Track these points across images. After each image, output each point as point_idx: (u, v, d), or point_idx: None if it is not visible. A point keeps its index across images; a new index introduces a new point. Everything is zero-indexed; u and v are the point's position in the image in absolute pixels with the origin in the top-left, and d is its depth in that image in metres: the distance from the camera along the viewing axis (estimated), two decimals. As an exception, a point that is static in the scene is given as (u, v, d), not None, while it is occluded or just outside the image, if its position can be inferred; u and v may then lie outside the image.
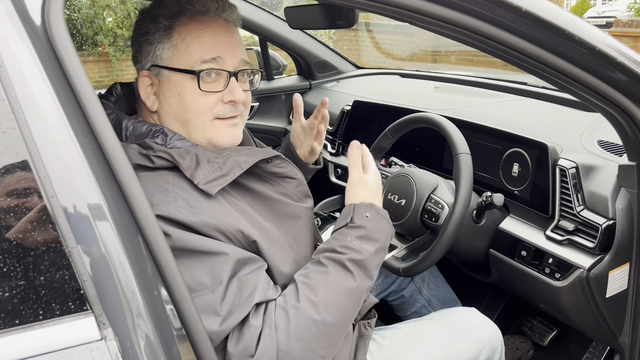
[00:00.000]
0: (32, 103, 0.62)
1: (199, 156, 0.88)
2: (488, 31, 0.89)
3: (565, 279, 1.23)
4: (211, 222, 0.83)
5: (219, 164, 0.88)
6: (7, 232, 0.58)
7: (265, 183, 0.96)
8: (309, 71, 2.54)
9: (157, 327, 0.67)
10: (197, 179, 0.85)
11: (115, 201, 0.66)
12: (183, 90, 0.93)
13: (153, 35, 0.92)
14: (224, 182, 0.86)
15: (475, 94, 1.90)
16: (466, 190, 1.21)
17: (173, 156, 0.86)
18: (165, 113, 0.95)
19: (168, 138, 0.92)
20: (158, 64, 0.93)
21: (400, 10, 0.86)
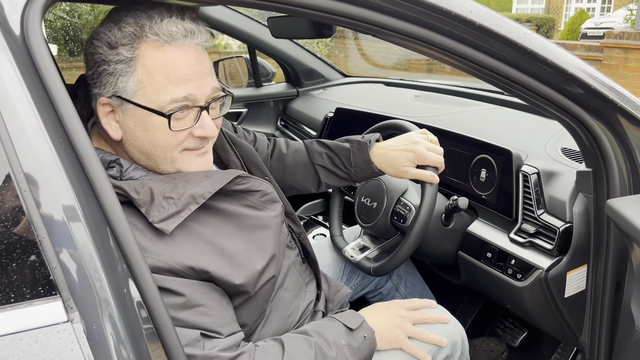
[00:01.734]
0: (9, 106, 0.68)
1: (153, 191, 0.86)
2: (445, 43, 0.95)
3: (526, 279, 1.29)
4: (161, 266, 0.85)
5: (174, 200, 0.86)
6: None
7: (229, 198, 0.97)
8: (297, 79, 2.60)
9: (123, 311, 0.72)
10: (151, 217, 0.84)
11: (86, 198, 0.72)
12: (151, 127, 0.88)
13: (114, 65, 0.86)
14: (179, 219, 0.85)
15: (453, 103, 1.97)
16: (431, 193, 1.27)
17: (127, 192, 0.85)
18: (131, 145, 0.92)
19: (124, 170, 0.90)
20: (121, 96, 0.87)
21: (361, 24, 0.92)
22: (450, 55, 0.98)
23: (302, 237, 1.23)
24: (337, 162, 1.32)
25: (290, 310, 1.14)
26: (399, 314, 1.13)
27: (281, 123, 2.61)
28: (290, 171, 1.36)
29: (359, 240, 1.52)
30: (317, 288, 1.26)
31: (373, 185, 1.47)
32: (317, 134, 2.22)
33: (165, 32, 0.85)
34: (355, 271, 1.58)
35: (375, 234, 1.49)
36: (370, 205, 1.45)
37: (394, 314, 1.13)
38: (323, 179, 1.34)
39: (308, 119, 2.39)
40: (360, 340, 1.05)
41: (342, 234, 1.57)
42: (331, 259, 1.57)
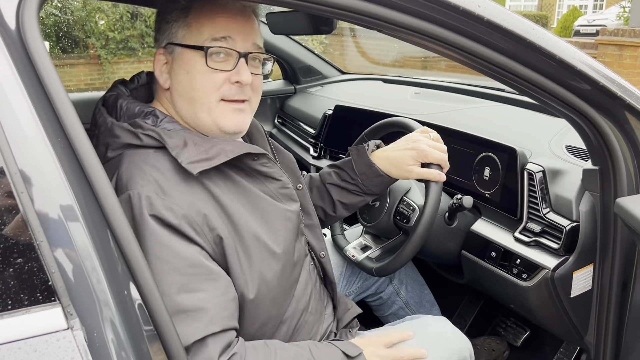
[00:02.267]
0: (4, 103, 0.65)
1: (186, 138, 0.90)
2: (453, 39, 0.93)
3: (531, 279, 1.27)
4: (179, 211, 0.85)
5: (206, 148, 0.90)
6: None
7: (249, 178, 0.98)
8: (294, 76, 2.58)
9: (124, 314, 0.70)
10: (181, 158, 0.87)
11: (85, 198, 0.69)
12: (192, 68, 0.94)
13: (170, 14, 0.95)
14: (207, 165, 0.88)
15: (453, 100, 1.95)
16: (435, 193, 1.24)
17: (161, 135, 0.89)
18: (175, 91, 0.97)
19: (159, 120, 0.95)
20: (172, 41, 0.95)
21: (367, 19, 0.89)
22: (457, 51, 0.96)
23: (322, 256, 1.19)
24: (344, 176, 1.30)
25: (311, 334, 1.11)
26: (378, 354, 1.08)
27: (278, 121, 2.58)
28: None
29: (360, 240, 1.49)
30: (333, 310, 1.23)
31: (375, 184, 1.45)
32: (315, 131, 2.20)
33: None
34: (356, 274, 1.56)
35: (378, 233, 1.46)
36: (372, 205, 1.42)
37: (372, 354, 1.08)
38: (336, 198, 1.31)
39: (306, 117, 2.37)
40: None
41: (343, 233, 1.55)
42: (332, 262, 1.54)
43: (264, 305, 0.97)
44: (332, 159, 2.12)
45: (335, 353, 1.00)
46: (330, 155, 2.14)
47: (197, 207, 0.88)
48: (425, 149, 1.21)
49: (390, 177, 1.26)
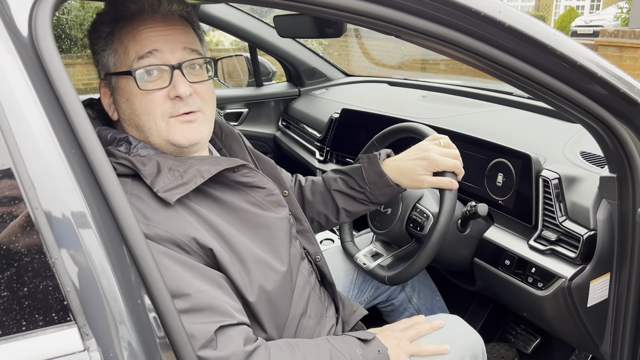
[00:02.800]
0: (17, 113, 0.62)
1: (160, 164, 0.88)
2: (472, 45, 0.91)
3: (547, 288, 1.25)
4: (165, 235, 0.83)
5: (180, 172, 0.88)
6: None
7: (233, 192, 0.96)
8: (298, 78, 2.55)
9: (140, 335, 0.67)
10: (156, 187, 0.85)
11: (100, 211, 0.66)
12: (130, 94, 0.91)
13: (97, 44, 0.93)
14: (184, 191, 0.86)
15: (462, 104, 1.93)
16: (450, 201, 1.22)
17: (134, 163, 0.87)
18: (123, 121, 0.95)
19: (132, 147, 0.92)
20: (108, 71, 0.93)
21: (386, 24, 0.87)
22: (477, 57, 0.94)
23: (318, 259, 1.18)
24: (351, 183, 1.27)
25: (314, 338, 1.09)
26: (394, 336, 1.10)
27: (282, 123, 2.55)
28: (309, 202, 1.32)
29: (371, 247, 1.47)
30: (335, 312, 1.22)
31: (387, 190, 1.42)
32: (321, 135, 2.17)
33: (133, 2, 0.90)
34: (368, 282, 1.53)
35: (389, 240, 1.44)
36: (384, 212, 1.40)
37: (389, 336, 1.09)
38: (341, 205, 1.29)
39: (310, 119, 2.34)
40: (375, 353, 1.02)
41: (353, 240, 1.52)
42: (342, 270, 1.52)
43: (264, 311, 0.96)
44: (339, 163, 2.10)
45: (352, 341, 1.01)
46: (337, 159, 2.11)
47: (183, 230, 0.85)
48: (436, 157, 1.19)
49: (400, 187, 1.25)
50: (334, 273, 1.51)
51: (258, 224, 0.97)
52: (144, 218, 0.83)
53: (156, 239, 0.82)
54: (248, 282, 0.93)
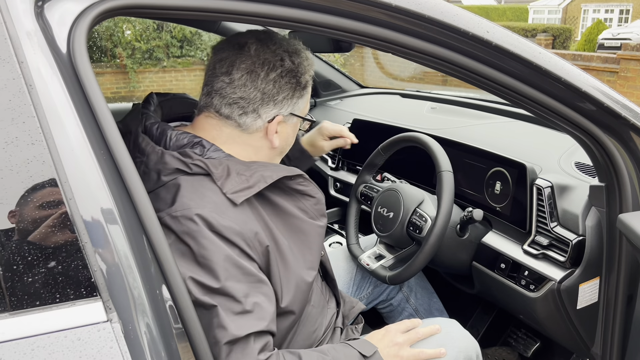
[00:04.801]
0: (56, 119, 0.73)
1: (230, 168, 0.97)
2: (463, 62, 1.00)
3: (538, 290, 1.32)
4: (236, 229, 0.93)
5: (247, 177, 0.97)
6: (34, 229, 0.70)
7: (287, 196, 1.05)
8: (314, 89, 2.65)
9: (156, 312, 0.77)
10: (225, 188, 0.94)
11: (124, 204, 0.77)
12: (294, 131, 1.11)
13: (301, 92, 1.05)
14: (249, 193, 0.95)
15: (467, 115, 2.01)
16: (447, 205, 1.31)
17: (208, 166, 0.96)
18: (281, 147, 1.09)
19: (205, 149, 1.01)
20: (295, 113, 1.06)
21: (382, 43, 0.97)
22: (468, 73, 1.02)
23: (322, 254, 1.26)
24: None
25: (315, 326, 1.19)
26: (395, 342, 1.16)
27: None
28: None
29: (374, 249, 1.55)
30: (336, 305, 1.30)
31: (390, 195, 1.51)
32: (334, 144, 2.27)
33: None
34: (366, 280, 1.62)
35: (391, 243, 1.53)
36: (387, 215, 1.49)
37: (391, 343, 1.16)
38: None
39: (325, 129, 2.44)
40: None
41: (358, 242, 1.61)
42: (342, 269, 1.61)
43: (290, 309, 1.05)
44: (350, 171, 2.19)
45: (353, 354, 1.07)
46: (348, 167, 2.20)
47: (249, 225, 0.95)
48: (326, 125, 1.59)
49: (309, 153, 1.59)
50: (336, 271, 1.60)
51: (302, 230, 1.06)
52: (220, 211, 0.93)
53: (229, 231, 0.92)
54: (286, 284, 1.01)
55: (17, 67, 0.72)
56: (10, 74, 0.71)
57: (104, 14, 0.81)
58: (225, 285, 0.91)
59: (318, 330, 1.19)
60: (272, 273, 0.99)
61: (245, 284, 0.93)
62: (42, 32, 0.76)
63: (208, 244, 0.91)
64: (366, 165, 1.66)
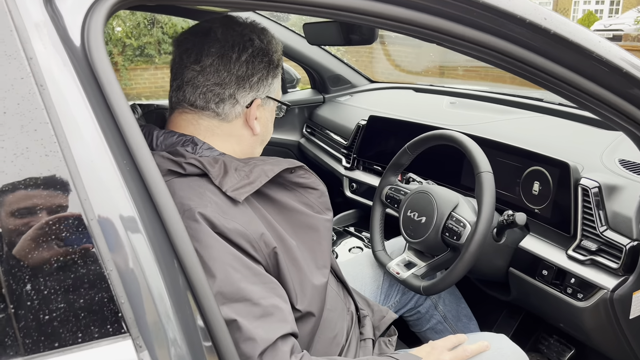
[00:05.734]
0: (72, 125, 0.62)
1: (227, 165, 0.91)
2: (517, 53, 0.89)
3: (588, 299, 1.22)
4: (241, 230, 0.86)
5: (246, 172, 0.91)
6: (50, 258, 0.58)
7: (288, 192, 0.98)
8: (323, 85, 2.55)
9: (190, 344, 0.67)
10: (225, 187, 0.87)
11: (153, 226, 0.66)
12: (272, 116, 1.06)
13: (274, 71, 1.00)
14: (251, 190, 0.88)
15: (491, 110, 1.90)
16: (489, 210, 1.21)
17: (204, 164, 0.89)
18: (262, 135, 1.03)
19: (198, 147, 0.94)
20: (270, 95, 1.00)
21: (429, 32, 0.86)
22: (520, 64, 0.92)
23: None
24: None
25: (335, 331, 1.10)
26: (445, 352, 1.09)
27: (307, 130, 2.55)
28: None
29: (403, 256, 1.45)
30: (356, 309, 1.23)
31: (421, 198, 1.40)
32: (347, 142, 2.16)
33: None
34: (394, 288, 1.52)
35: (423, 250, 1.42)
36: (418, 220, 1.38)
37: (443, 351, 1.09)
38: None
39: (335, 126, 2.33)
40: None
41: (384, 249, 1.51)
42: (369, 276, 1.51)
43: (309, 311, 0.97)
44: (366, 170, 2.08)
45: None
46: (364, 167, 2.10)
47: (253, 225, 0.88)
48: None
49: None
50: (361, 279, 1.50)
51: (309, 225, 0.99)
52: (222, 212, 0.86)
53: (234, 233, 0.84)
54: (299, 286, 0.94)
55: (25, 64, 0.60)
56: (18, 73, 0.60)
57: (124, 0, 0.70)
58: (240, 288, 0.83)
59: (339, 337, 1.11)
60: (284, 276, 0.92)
61: (259, 286, 0.86)
62: (52, 22, 0.64)
63: (214, 243, 0.83)
64: (391, 166, 1.55)
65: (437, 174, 1.72)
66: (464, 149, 1.30)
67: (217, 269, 0.82)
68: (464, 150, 1.30)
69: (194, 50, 0.94)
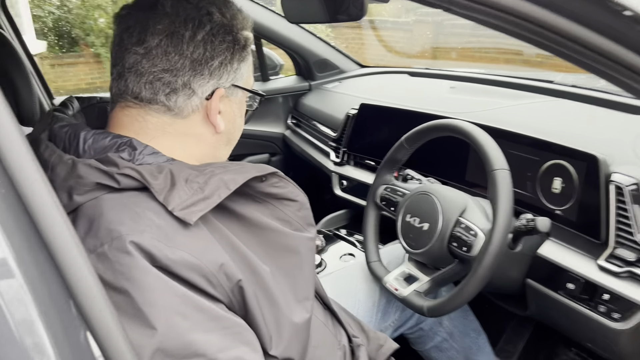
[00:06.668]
0: None
1: (174, 174, 0.69)
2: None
3: (626, 320, 1.01)
4: (191, 261, 0.64)
5: (200, 184, 0.69)
6: None
7: (258, 205, 0.77)
8: (309, 71, 2.32)
9: None
10: (171, 204, 0.66)
11: (39, 269, 0.45)
12: (244, 112, 0.86)
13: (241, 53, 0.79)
14: (206, 207, 0.67)
15: (497, 95, 1.69)
16: (506, 216, 1.00)
17: (143, 175, 0.68)
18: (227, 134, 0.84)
19: (137, 152, 0.73)
20: (237, 84, 0.80)
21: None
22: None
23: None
24: None
25: None
26: None
27: (292, 121, 2.32)
28: None
29: (402, 268, 1.24)
30: (348, 340, 1.02)
31: (422, 201, 1.19)
32: (336, 134, 1.94)
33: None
34: (392, 304, 1.32)
35: (426, 261, 1.21)
36: (419, 227, 1.16)
37: None
38: None
39: (323, 116, 2.11)
40: None
41: (380, 259, 1.30)
42: (362, 292, 1.30)
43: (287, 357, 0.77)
44: (358, 166, 1.86)
45: None
46: (355, 162, 1.88)
47: (210, 253, 0.67)
48: None
49: None
50: (354, 296, 1.29)
51: (287, 246, 0.78)
52: (166, 238, 0.64)
53: (182, 266, 0.64)
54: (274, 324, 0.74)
55: None
56: None
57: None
58: (189, 341, 0.62)
59: None
60: (253, 314, 0.71)
61: (217, 334, 0.65)
62: None
63: (153, 282, 0.62)
64: (386, 162, 1.33)
65: (437, 168, 1.51)
66: (473, 141, 1.09)
67: (156, 318, 0.61)
68: (474, 144, 1.08)
69: (136, 28, 0.73)
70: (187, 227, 0.67)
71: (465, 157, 1.44)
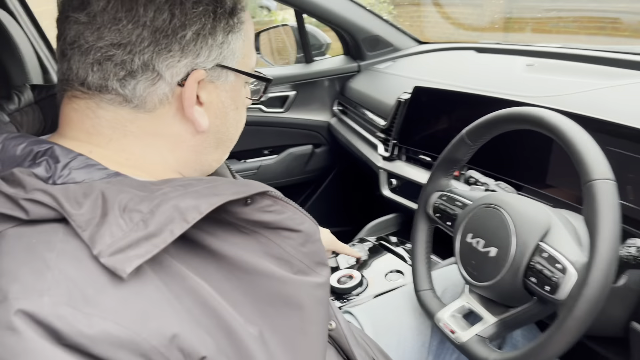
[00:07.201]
0: None
1: (107, 199, 0.47)
2: None
3: None
4: (121, 335, 0.42)
5: (143, 215, 0.47)
6: None
7: (243, 238, 0.54)
8: (358, 50, 2.06)
9: None
10: (97, 247, 0.44)
11: None
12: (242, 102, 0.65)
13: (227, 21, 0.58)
14: (149, 251, 0.45)
15: (589, 74, 1.34)
16: (611, 247, 0.70)
17: (59, 200, 0.47)
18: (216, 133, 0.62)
19: (59, 166, 0.51)
20: (224, 64, 0.59)
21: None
22: None
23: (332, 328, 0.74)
24: None
25: None
26: None
27: (338, 108, 2.07)
28: None
29: (462, 302, 0.95)
30: None
31: (487, 216, 0.89)
32: (386, 123, 1.67)
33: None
34: (447, 346, 1.04)
35: (493, 297, 0.92)
36: (484, 252, 0.87)
37: None
38: None
39: (373, 102, 1.84)
40: None
41: (432, 287, 1.02)
42: (409, 328, 1.03)
43: None
44: (410, 161, 1.58)
45: None
46: (408, 156, 1.59)
47: (155, 322, 0.44)
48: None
49: None
50: (398, 332, 1.03)
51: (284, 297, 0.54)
52: (83, 301, 0.43)
53: (104, 343, 0.41)
54: None
55: None
56: None
57: None
58: None
59: None
60: None
61: None
62: None
63: None
64: (442, 162, 1.04)
65: (510, 169, 1.20)
66: (563, 139, 0.78)
67: None
68: (564, 143, 0.78)
69: None
70: (120, 281, 0.44)
71: (546, 154, 1.12)
